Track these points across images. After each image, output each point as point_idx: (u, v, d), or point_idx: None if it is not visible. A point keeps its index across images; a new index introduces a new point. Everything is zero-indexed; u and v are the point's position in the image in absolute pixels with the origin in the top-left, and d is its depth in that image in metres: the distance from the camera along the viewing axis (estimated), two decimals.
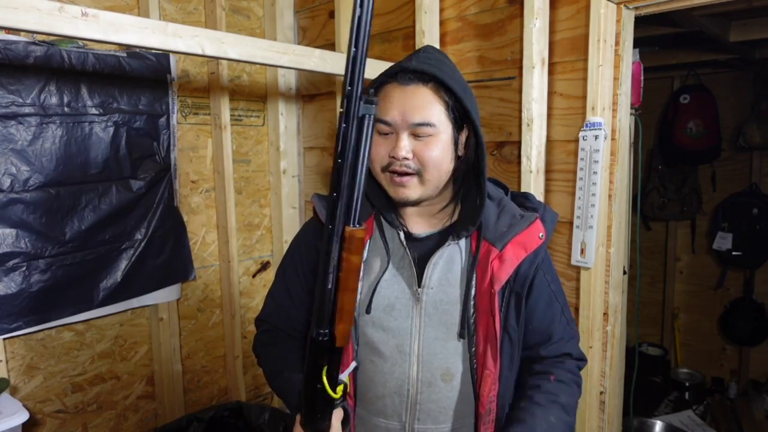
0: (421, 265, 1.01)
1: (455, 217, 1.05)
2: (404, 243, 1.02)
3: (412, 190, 0.96)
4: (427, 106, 0.93)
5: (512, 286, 0.99)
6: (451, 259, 1.02)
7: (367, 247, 1.03)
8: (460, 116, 0.97)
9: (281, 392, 1.06)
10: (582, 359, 1.06)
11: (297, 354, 1.08)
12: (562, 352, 1.04)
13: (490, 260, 0.97)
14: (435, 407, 1.00)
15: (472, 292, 0.99)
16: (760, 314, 3.39)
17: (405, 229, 1.04)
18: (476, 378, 0.99)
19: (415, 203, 1.00)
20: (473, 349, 0.99)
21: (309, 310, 1.09)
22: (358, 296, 1.01)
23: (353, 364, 0.98)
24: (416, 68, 0.93)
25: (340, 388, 0.87)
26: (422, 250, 1.03)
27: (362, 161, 0.72)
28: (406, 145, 0.93)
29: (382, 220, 1.05)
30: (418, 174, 0.95)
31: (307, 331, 1.14)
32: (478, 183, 1.00)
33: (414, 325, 1.00)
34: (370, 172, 1.02)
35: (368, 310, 1.01)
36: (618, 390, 1.74)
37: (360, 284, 1.01)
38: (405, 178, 0.95)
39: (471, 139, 0.99)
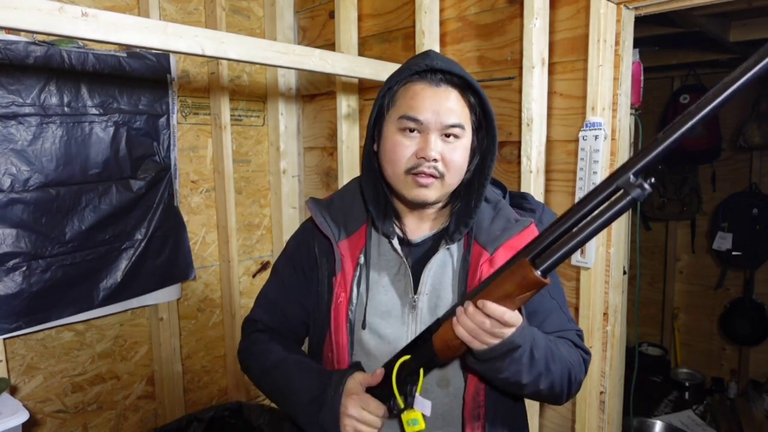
0: (416, 271, 1.00)
1: (449, 219, 1.04)
2: (399, 250, 1.01)
3: (433, 191, 0.96)
4: (458, 109, 0.94)
5: None
6: (444, 262, 1.01)
7: (361, 257, 1.02)
8: (479, 120, 0.98)
9: (290, 374, 1.02)
10: (586, 351, 1.04)
11: (299, 350, 1.07)
12: (563, 337, 1.03)
13: (480, 264, 0.97)
14: (432, 415, 0.98)
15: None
16: (760, 314, 3.39)
17: (400, 236, 1.03)
18: (466, 382, 0.98)
19: (430, 205, 1.00)
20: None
21: (305, 309, 1.08)
22: (353, 306, 1.01)
23: (428, 405, 0.95)
24: (445, 68, 0.93)
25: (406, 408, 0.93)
26: (417, 256, 1.03)
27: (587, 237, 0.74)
28: (437, 146, 0.93)
29: (375, 227, 1.04)
30: (442, 177, 0.95)
31: (303, 332, 1.12)
32: (479, 185, 1.00)
33: (410, 332, 0.99)
34: (381, 176, 1.02)
35: (363, 325, 1.00)
36: (618, 390, 1.74)
37: (354, 295, 1.01)
38: (430, 180, 0.94)
39: (484, 142, 1.00)
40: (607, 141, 1.57)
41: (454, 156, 0.94)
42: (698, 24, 2.36)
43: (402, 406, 0.92)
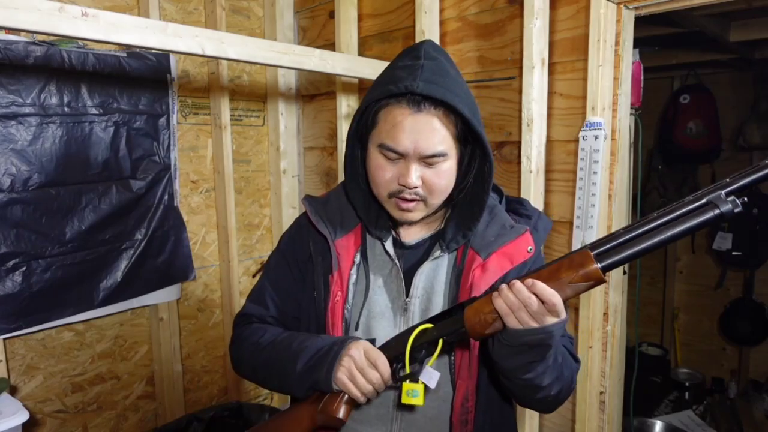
0: (409, 274, 1.00)
1: (445, 221, 1.04)
2: (391, 253, 1.01)
3: (416, 213, 0.96)
4: (438, 136, 0.90)
5: None
6: (437, 266, 1.00)
7: (357, 255, 1.02)
8: (466, 134, 0.95)
9: (288, 342, 0.99)
10: (577, 359, 1.03)
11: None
12: None
13: (472, 268, 0.96)
14: (420, 417, 0.99)
15: (456, 300, 0.97)
16: (760, 314, 3.39)
17: (394, 237, 1.03)
18: (454, 388, 0.98)
19: (417, 222, 1.00)
20: (452, 358, 0.97)
21: (298, 305, 1.08)
22: (349, 305, 1.00)
23: (435, 378, 0.92)
24: (426, 93, 0.88)
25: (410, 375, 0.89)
26: (411, 259, 1.02)
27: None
28: (417, 174, 0.91)
29: (368, 229, 1.04)
30: (424, 200, 0.94)
31: (295, 328, 1.11)
32: (480, 197, 0.99)
33: None
34: (367, 187, 1.01)
35: (357, 326, 1.00)
36: (618, 390, 1.74)
37: (350, 294, 1.00)
38: (412, 204, 0.94)
39: (477, 152, 0.97)
40: (607, 141, 1.57)
41: (436, 180, 0.92)
42: (698, 24, 2.36)
43: (407, 371, 0.89)
